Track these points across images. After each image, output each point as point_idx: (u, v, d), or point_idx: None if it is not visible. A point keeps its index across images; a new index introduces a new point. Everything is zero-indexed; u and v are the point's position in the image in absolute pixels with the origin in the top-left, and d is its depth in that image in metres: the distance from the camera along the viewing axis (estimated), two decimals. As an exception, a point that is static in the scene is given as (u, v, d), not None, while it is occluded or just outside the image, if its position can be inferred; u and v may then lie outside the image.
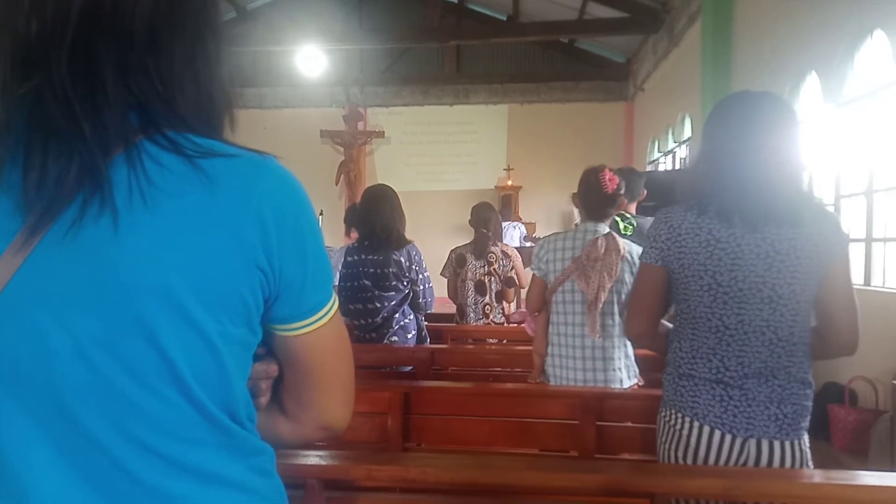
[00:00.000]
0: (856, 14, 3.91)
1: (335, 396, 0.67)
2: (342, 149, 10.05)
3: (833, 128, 4.29)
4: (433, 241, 7.34)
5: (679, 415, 1.40)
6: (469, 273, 3.64)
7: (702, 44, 6.09)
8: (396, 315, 2.78)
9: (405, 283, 2.77)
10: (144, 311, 0.51)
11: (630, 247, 2.18)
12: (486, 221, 3.68)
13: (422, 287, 2.81)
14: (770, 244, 1.30)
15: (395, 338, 2.77)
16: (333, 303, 0.65)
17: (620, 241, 2.16)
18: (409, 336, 2.83)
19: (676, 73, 7.61)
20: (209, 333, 0.54)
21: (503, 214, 7.29)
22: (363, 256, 2.75)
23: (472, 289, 3.64)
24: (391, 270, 2.72)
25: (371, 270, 2.73)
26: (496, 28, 9.78)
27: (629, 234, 2.98)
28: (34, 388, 0.51)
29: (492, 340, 3.58)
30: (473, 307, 3.64)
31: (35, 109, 0.52)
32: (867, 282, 4.00)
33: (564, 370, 2.20)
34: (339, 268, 2.83)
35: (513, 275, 3.66)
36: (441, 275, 3.79)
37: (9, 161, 0.51)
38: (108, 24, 0.53)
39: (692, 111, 6.88)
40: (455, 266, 3.70)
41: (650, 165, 9.00)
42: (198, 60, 0.59)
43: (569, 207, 9.93)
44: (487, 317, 3.63)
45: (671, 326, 1.49)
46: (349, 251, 2.83)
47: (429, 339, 3.06)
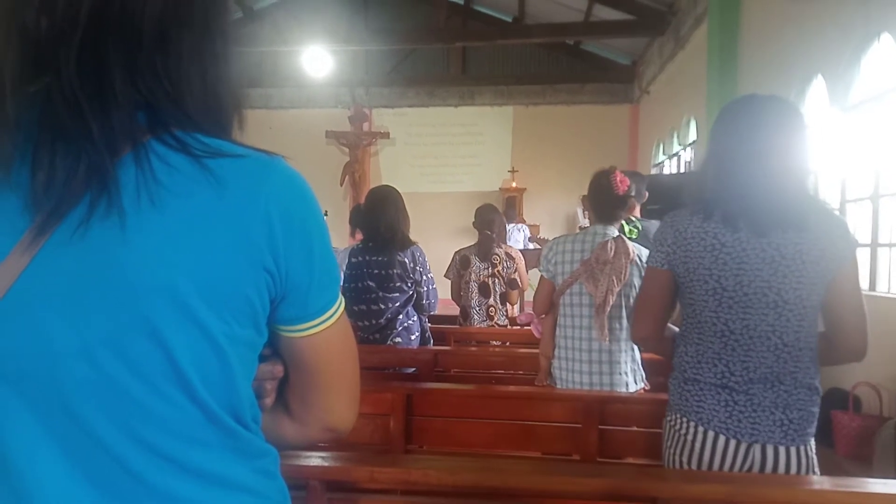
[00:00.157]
0: (863, 17, 3.89)
1: (341, 398, 0.67)
2: (347, 149, 10.07)
3: (839, 132, 4.28)
4: (437, 243, 7.34)
5: (684, 420, 1.39)
6: (473, 275, 3.64)
7: (708, 46, 6.07)
8: (400, 316, 2.77)
9: (409, 285, 2.77)
10: (150, 311, 0.51)
11: (639, 250, 2.17)
12: (491, 223, 3.68)
13: (425, 288, 2.81)
14: (776, 249, 1.29)
15: (399, 339, 2.76)
16: (340, 304, 0.65)
17: (630, 245, 2.16)
18: (413, 337, 2.83)
19: (682, 76, 7.59)
20: (215, 334, 0.54)
21: (507, 216, 7.27)
22: (367, 257, 2.75)
23: (476, 290, 3.64)
24: (395, 271, 2.71)
25: (375, 271, 2.73)
26: (502, 30, 9.76)
27: (634, 238, 2.97)
28: (39, 387, 0.51)
29: (495, 343, 3.57)
30: (477, 309, 3.63)
31: (44, 108, 0.51)
32: (872, 287, 3.98)
33: (571, 373, 2.19)
34: (343, 269, 2.83)
35: (516, 277, 3.65)
36: (445, 276, 3.78)
37: (18, 159, 0.51)
38: (117, 24, 0.53)
39: (697, 114, 6.86)
40: (459, 268, 3.70)
41: (655, 168, 8.98)
42: (206, 59, 0.59)
43: (573, 210, 9.91)
44: (491, 319, 3.62)
45: (677, 330, 1.49)
46: (353, 252, 2.83)
47: (432, 341, 3.06)
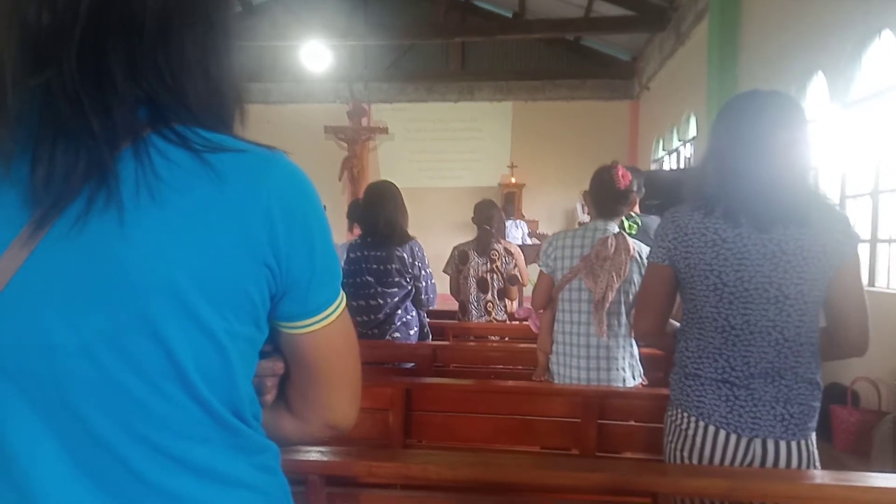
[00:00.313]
0: (863, 14, 3.89)
1: (342, 395, 0.67)
2: (346, 145, 10.03)
3: (839, 128, 4.27)
4: (436, 238, 7.34)
5: (685, 414, 1.39)
6: (472, 270, 3.64)
7: (708, 43, 6.06)
8: (399, 311, 2.77)
9: (408, 280, 2.76)
10: (150, 308, 0.51)
11: (640, 247, 2.16)
12: (490, 219, 3.68)
13: (424, 283, 2.81)
14: (776, 244, 1.29)
15: (398, 334, 2.76)
16: (341, 301, 0.64)
17: (630, 241, 2.15)
18: (412, 332, 2.83)
19: (682, 72, 7.57)
20: (215, 330, 0.53)
21: (506, 212, 7.28)
22: (366, 253, 2.75)
23: (475, 286, 3.64)
24: (394, 267, 2.71)
25: (374, 267, 2.72)
26: (502, 25, 9.72)
27: (634, 233, 2.97)
28: (39, 383, 0.51)
29: (494, 337, 3.58)
30: (476, 304, 3.63)
31: (45, 103, 0.51)
32: (872, 282, 3.99)
33: (568, 368, 2.19)
34: (342, 264, 2.82)
35: (516, 272, 3.65)
36: (444, 271, 3.79)
37: (19, 154, 0.51)
38: (119, 19, 0.53)
39: (697, 110, 6.86)
40: (458, 263, 3.70)
41: (654, 164, 8.98)
42: (208, 54, 0.58)
43: (572, 205, 9.91)
44: (490, 314, 3.63)
45: (678, 325, 1.49)
46: (352, 247, 2.82)
47: (431, 336, 3.06)
